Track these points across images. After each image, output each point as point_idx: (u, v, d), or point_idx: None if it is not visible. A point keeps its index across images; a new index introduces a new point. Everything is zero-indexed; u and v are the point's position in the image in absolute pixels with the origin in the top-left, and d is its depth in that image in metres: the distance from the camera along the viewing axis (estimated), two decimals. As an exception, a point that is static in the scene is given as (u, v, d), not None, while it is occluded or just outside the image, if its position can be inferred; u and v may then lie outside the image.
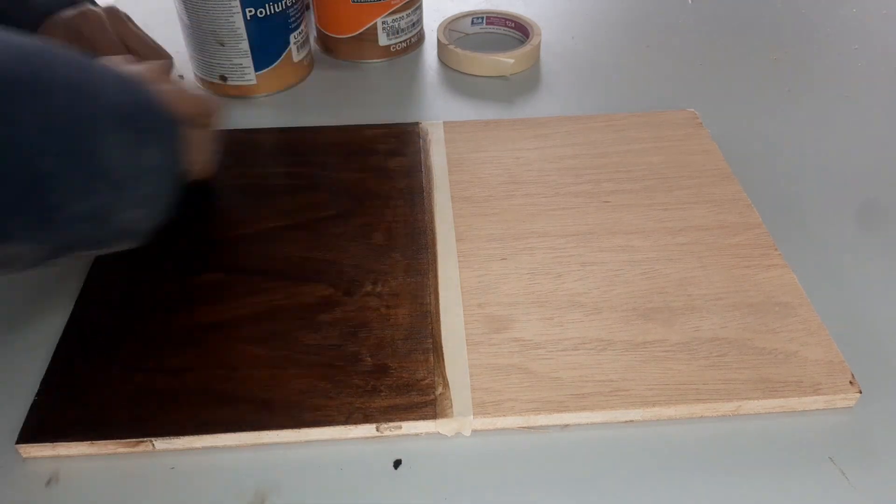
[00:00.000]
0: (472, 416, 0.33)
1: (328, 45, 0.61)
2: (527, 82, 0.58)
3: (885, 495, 0.31)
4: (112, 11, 0.49)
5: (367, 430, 0.33)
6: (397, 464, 0.32)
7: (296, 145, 0.49)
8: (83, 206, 0.28)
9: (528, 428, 0.33)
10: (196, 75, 0.57)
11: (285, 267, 0.40)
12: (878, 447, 0.33)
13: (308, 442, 0.33)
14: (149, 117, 0.31)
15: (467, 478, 0.32)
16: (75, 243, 0.30)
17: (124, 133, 0.29)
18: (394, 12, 0.58)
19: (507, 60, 0.57)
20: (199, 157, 0.37)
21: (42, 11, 0.46)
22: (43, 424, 0.32)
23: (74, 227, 0.28)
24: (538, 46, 0.60)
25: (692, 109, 0.52)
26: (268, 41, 0.54)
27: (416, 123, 0.51)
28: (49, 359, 0.35)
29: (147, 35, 0.51)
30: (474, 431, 0.33)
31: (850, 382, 0.34)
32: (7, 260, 0.28)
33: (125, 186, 0.29)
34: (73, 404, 0.33)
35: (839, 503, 0.31)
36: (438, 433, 0.33)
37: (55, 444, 0.32)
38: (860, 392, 0.33)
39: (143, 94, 0.32)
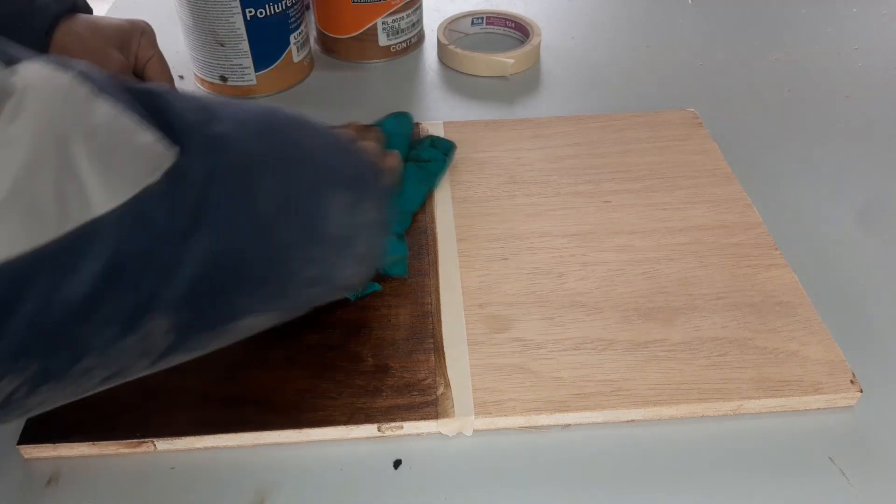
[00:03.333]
0: (473, 416, 0.33)
1: (328, 45, 0.61)
2: (527, 82, 0.58)
3: (885, 495, 0.31)
4: (148, 26, 0.49)
5: (368, 430, 0.33)
6: (397, 464, 0.32)
7: (296, 145, 0.49)
8: (312, 272, 0.27)
9: (530, 428, 0.33)
10: (196, 75, 0.57)
11: (286, 267, 0.40)
12: (878, 447, 0.33)
13: (308, 442, 0.33)
14: (365, 177, 0.31)
15: (468, 478, 0.32)
16: (299, 307, 0.29)
17: (346, 196, 0.28)
18: (394, 12, 0.58)
19: (507, 60, 0.57)
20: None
21: (52, 14, 0.44)
22: (44, 425, 0.32)
23: (303, 292, 0.28)
24: (538, 46, 0.60)
25: (692, 109, 0.52)
26: (268, 41, 0.54)
27: (417, 123, 0.51)
28: (50, 359, 0.35)
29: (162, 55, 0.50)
30: (476, 431, 0.33)
31: (851, 381, 0.34)
32: (241, 332, 0.27)
33: (346, 246, 0.29)
34: (74, 405, 0.33)
35: (839, 503, 0.31)
36: (440, 433, 0.33)
37: (56, 444, 0.32)
38: (861, 391, 0.33)
39: (357, 153, 0.32)
